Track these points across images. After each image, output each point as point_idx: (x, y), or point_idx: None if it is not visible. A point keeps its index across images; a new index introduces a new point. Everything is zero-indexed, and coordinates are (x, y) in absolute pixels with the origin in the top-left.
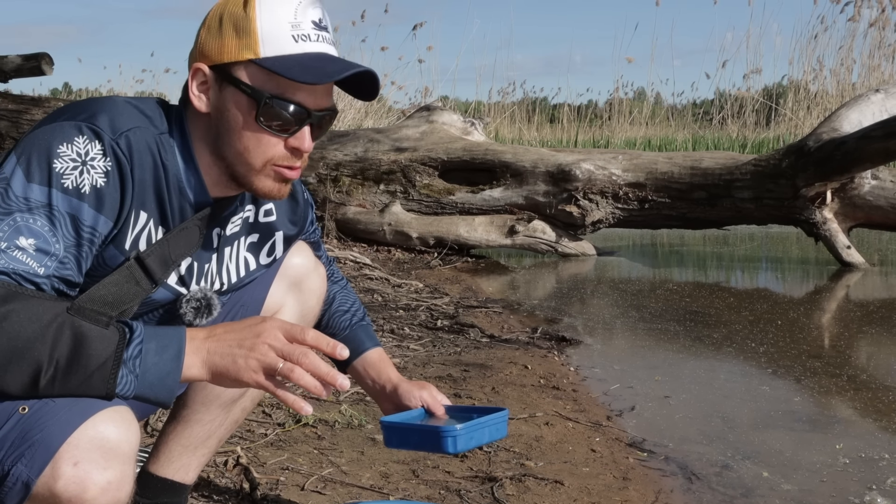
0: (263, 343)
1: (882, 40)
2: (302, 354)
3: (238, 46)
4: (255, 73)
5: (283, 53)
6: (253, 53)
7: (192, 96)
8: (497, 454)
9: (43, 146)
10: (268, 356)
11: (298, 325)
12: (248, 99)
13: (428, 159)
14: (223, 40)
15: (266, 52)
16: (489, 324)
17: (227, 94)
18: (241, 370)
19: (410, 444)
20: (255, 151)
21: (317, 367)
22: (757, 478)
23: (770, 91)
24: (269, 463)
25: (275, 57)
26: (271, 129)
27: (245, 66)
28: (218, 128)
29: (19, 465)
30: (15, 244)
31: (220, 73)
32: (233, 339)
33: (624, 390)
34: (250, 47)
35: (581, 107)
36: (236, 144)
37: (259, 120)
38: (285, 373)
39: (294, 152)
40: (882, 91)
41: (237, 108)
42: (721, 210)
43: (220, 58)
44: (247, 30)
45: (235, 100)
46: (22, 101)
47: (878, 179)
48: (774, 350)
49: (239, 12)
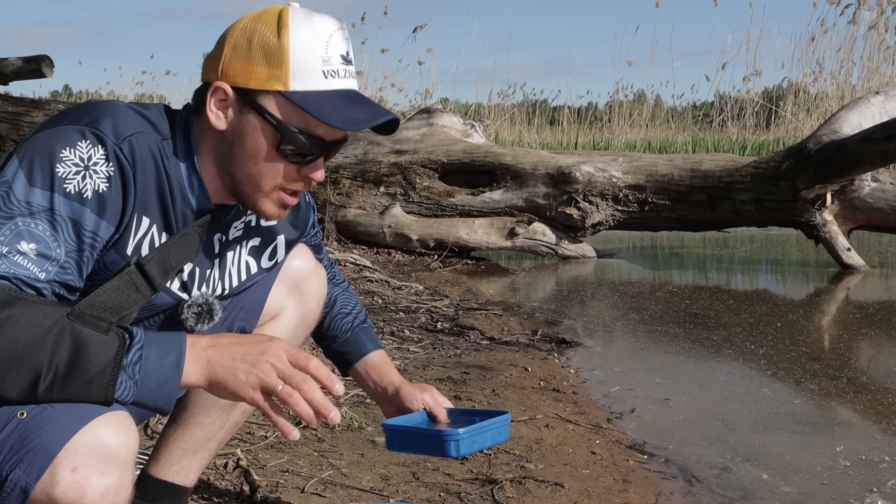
0: (266, 362)
1: (882, 43)
2: (302, 380)
3: (268, 76)
4: (282, 105)
5: (312, 89)
6: (283, 86)
7: (210, 113)
8: (497, 456)
9: (46, 150)
10: (269, 375)
11: (304, 352)
12: (271, 129)
13: (428, 161)
14: (252, 66)
15: (296, 85)
16: (489, 326)
17: (248, 118)
18: (239, 384)
19: (412, 448)
20: (268, 177)
21: (314, 396)
22: (757, 480)
23: (770, 93)
24: (269, 465)
25: (304, 92)
26: (289, 158)
27: (273, 95)
28: (232, 147)
29: (17, 470)
30: (16, 248)
31: (243, 96)
32: (237, 352)
33: (624, 392)
34: (280, 79)
35: (581, 109)
36: (251, 168)
37: (279, 150)
38: (283, 396)
39: (305, 180)
40: (882, 93)
41: (259, 134)
42: (721, 212)
43: (247, 83)
44: (279, 60)
45: (258, 126)
46: (22, 104)
47: (879, 181)
48: (774, 352)
49: (271, 40)
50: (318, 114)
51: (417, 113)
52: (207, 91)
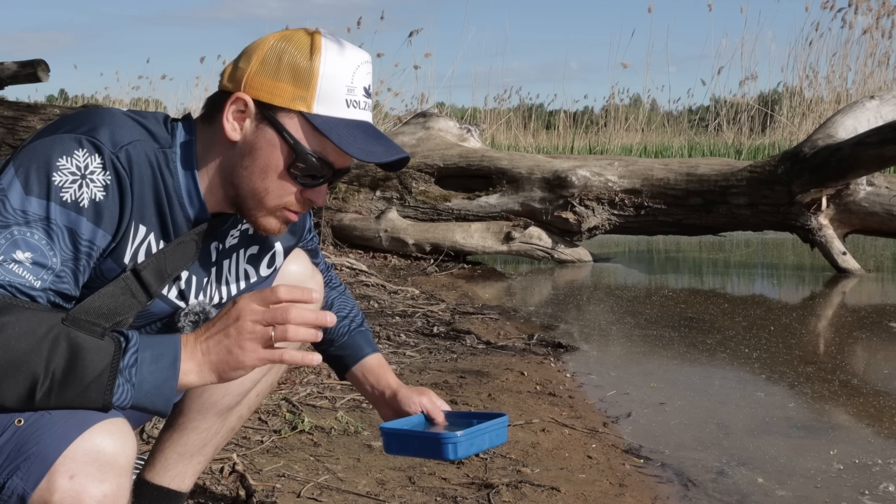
0: (246, 321)
1: (876, 47)
2: (285, 312)
3: (293, 95)
4: (303, 126)
5: (333, 115)
6: (306, 107)
7: (226, 122)
8: (493, 461)
9: (42, 159)
10: (256, 331)
11: (267, 289)
12: (287, 148)
13: (424, 166)
14: (278, 83)
15: (319, 109)
16: (485, 330)
17: (265, 133)
18: (239, 357)
19: (410, 451)
20: (274, 195)
21: (304, 317)
22: (752, 484)
23: (765, 97)
24: (265, 470)
25: (325, 117)
26: (297, 179)
27: (294, 115)
28: (243, 160)
29: (15, 478)
30: (12, 257)
31: (264, 110)
32: (217, 331)
33: (620, 396)
34: (305, 100)
35: (577, 113)
36: (258, 183)
37: (290, 169)
38: (280, 336)
39: (306, 202)
40: (877, 98)
41: (273, 150)
42: (717, 216)
43: (271, 98)
44: (307, 82)
45: (274, 143)
46: (18, 108)
47: (874, 186)
48: (767, 356)
49: (303, 60)
50: (338, 140)
51: (413, 117)
52: (225, 100)
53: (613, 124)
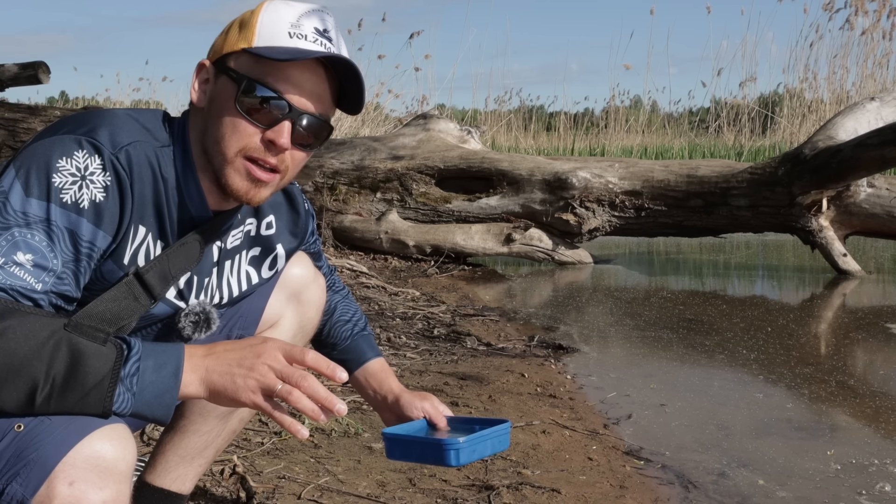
0: (263, 364)
1: (875, 48)
2: (301, 377)
3: (237, 39)
4: (245, 61)
5: (273, 44)
6: (247, 43)
7: (192, 91)
8: (494, 463)
9: (42, 160)
10: (267, 377)
11: (299, 347)
12: (232, 83)
13: (425, 168)
14: (227, 37)
15: (259, 42)
16: (486, 332)
17: (219, 83)
18: (239, 390)
19: (412, 457)
20: (231, 139)
21: (315, 390)
22: (753, 486)
23: (766, 99)
24: (265, 472)
25: (265, 46)
26: (249, 116)
27: (238, 55)
28: (206, 120)
29: (14, 483)
30: (13, 259)
31: (218, 66)
32: (232, 357)
33: (620, 398)
34: (246, 38)
35: (577, 115)
36: (215, 132)
37: (237, 104)
38: (283, 395)
39: (269, 146)
40: (877, 99)
41: (223, 94)
42: (717, 218)
43: (221, 51)
44: (248, 24)
45: (223, 87)
46: (19, 110)
47: (874, 187)
48: (765, 357)
49: (247, 13)
50: (269, 53)
51: (414, 119)
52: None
53: (614, 126)
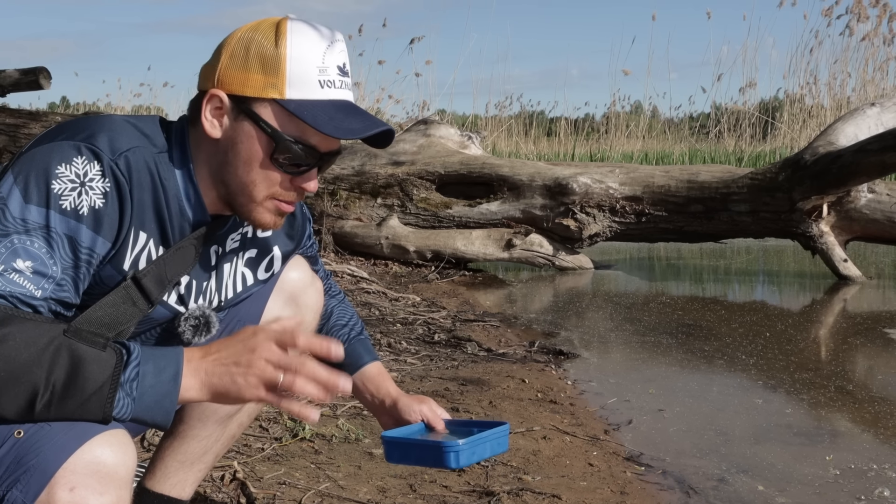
0: (259, 358)
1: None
2: (300, 364)
3: (264, 84)
4: (278, 114)
5: (307, 98)
6: (278, 94)
7: (205, 121)
8: (494, 468)
9: (41, 166)
10: (266, 371)
11: (289, 332)
12: (266, 137)
13: (425, 173)
14: (248, 74)
15: (291, 94)
16: (486, 338)
17: (243, 126)
18: (241, 389)
19: (411, 459)
20: (262, 186)
21: (316, 374)
22: (753, 491)
23: (766, 104)
24: (265, 477)
25: (299, 101)
26: (283, 168)
27: (268, 103)
28: (227, 155)
29: (14, 490)
30: (12, 266)
31: (238, 104)
32: (228, 357)
33: (621, 404)
34: (276, 87)
35: (578, 120)
36: (244, 176)
37: (273, 159)
38: (287, 386)
39: (298, 191)
40: (878, 105)
41: (253, 142)
42: (718, 223)
43: (243, 90)
44: (275, 69)
45: (253, 134)
46: (20, 116)
47: (875, 193)
48: (764, 362)
49: (269, 48)
50: (314, 122)
51: (414, 124)
52: (203, 100)
53: (614, 131)
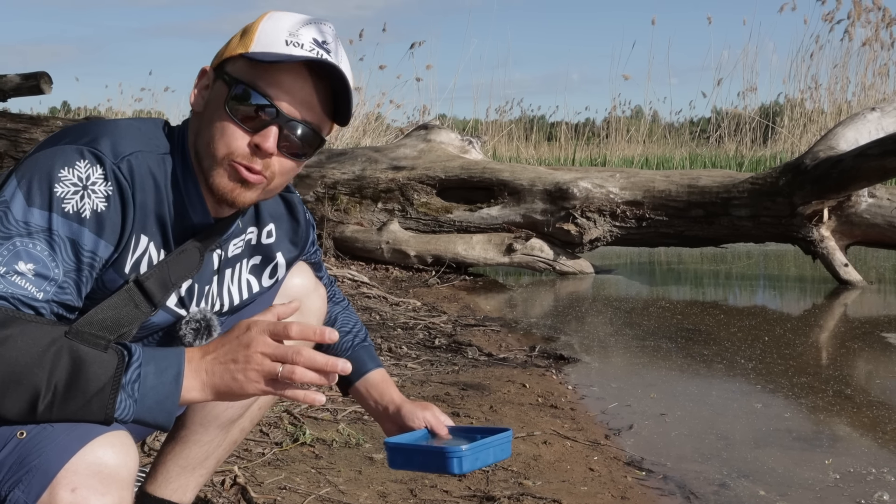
0: (255, 352)
1: (876, 59)
2: (296, 353)
3: (236, 45)
4: (241, 66)
5: (268, 50)
6: (244, 48)
7: (192, 96)
8: (495, 473)
9: (44, 170)
10: (264, 364)
11: (281, 323)
12: (224, 86)
13: (426, 178)
14: (229, 44)
15: (256, 49)
16: (487, 342)
17: (215, 87)
18: (242, 385)
19: (414, 465)
20: (220, 142)
21: (314, 360)
22: (754, 496)
23: (766, 109)
24: (266, 482)
25: (261, 52)
26: (236, 119)
27: (235, 60)
28: (200, 123)
29: (17, 490)
30: (14, 269)
31: (217, 71)
32: (225, 355)
33: (621, 408)
34: (244, 45)
35: (579, 125)
36: (206, 134)
37: (227, 106)
38: (286, 375)
39: (255, 150)
40: (878, 109)
41: (217, 98)
42: (718, 228)
43: (221, 57)
44: (249, 31)
45: (218, 91)
46: (21, 120)
47: (875, 197)
48: (763, 367)
49: (251, 23)
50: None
51: (415, 129)
52: None
53: (615, 136)
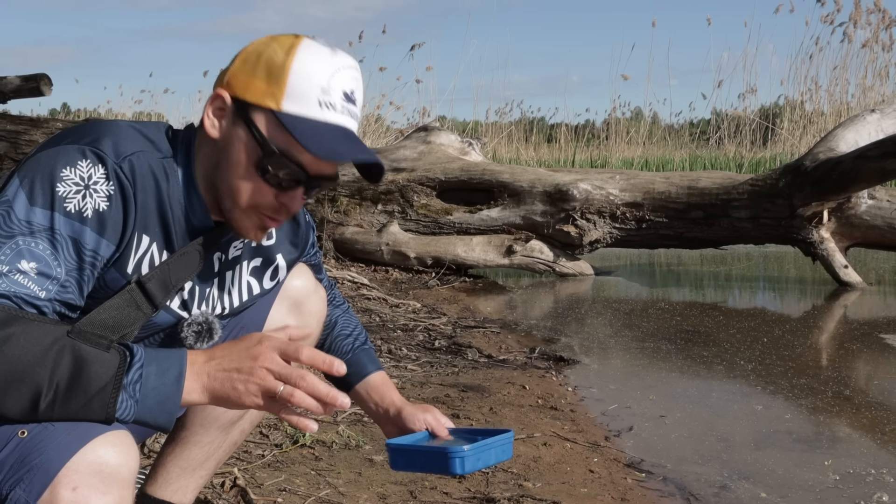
0: (261, 367)
1: (875, 60)
2: (300, 377)
3: (264, 92)
4: (271, 123)
5: (303, 115)
6: (275, 104)
7: (206, 118)
8: (495, 475)
9: (46, 170)
10: (266, 380)
11: (293, 344)
12: (255, 145)
13: (426, 179)
14: (253, 79)
15: (287, 107)
16: (487, 344)
17: (238, 130)
18: (241, 395)
19: (416, 466)
20: (246, 194)
21: (316, 388)
22: (755, 498)
23: (766, 111)
24: (266, 484)
25: (294, 115)
26: (267, 180)
27: (264, 112)
28: (220, 157)
29: (18, 489)
30: (17, 268)
31: (238, 107)
32: (230, 363)
33: (621, 410)
34: (274, 97)
35: (578, 126)
36: (230, 181)
37: (258, 168)
38: (285, 396)
39: (281, 207)
40: (878, 111)
41: (243, 148)
42: (718, 229)
43: (244, 94)
44: (277, 79)
45: (244, 140)
46: (21, 122)
47: (875, 199)
48: (763, 368)
49: (277, 58)
50: (301, 139)
51: (415, 131)
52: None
53: (615, 138)
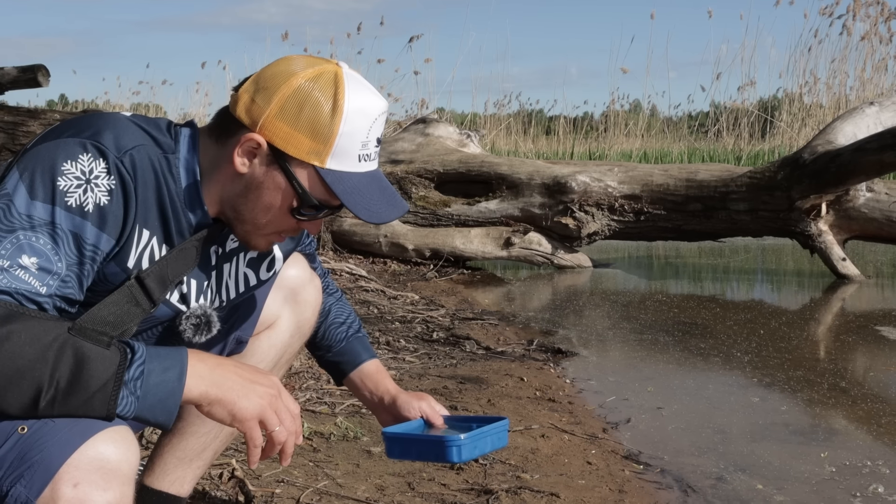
0: (279, 400)
1: (874, 53)
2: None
3: (309, 149)
4: (312, 178)
5: (344, 170)
6: (319, 162)
7: (236, 156)
8: (493, 466)
9: (47, 163)
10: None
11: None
12: (293, 194)
13: (424, 171)
14: (296, 133)
15: (331, 165)
16: (485, 336)
17: (274, 175)
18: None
19: (412, 455)
20: (272, 225)
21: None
22: (751, 490)
23: (765, 103)
24: (264, 476)
25: (337, 172)
26: (298, 219)
27: (307, 167)
28: (247, 192)
29: (18, 485)
30: (17, 263)
31: (276, 155)
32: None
33: (619, 402)
34: (319, 156)
35: (577, 119)
36: (260, 217)
37: (293, 210)
38: (276, 437)
39: (300, 229)
40: (876, 104)
41: (279, 193)
42: (716, 222)
43: (286, 147)
44: (325, 140)
45: (281, 187)
46: (18, 113)
47: (873, 192)
48: (759, 360)
49: (324, 116)
50: (346, 201)
51: (413, 123)
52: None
53: (613, 130)
